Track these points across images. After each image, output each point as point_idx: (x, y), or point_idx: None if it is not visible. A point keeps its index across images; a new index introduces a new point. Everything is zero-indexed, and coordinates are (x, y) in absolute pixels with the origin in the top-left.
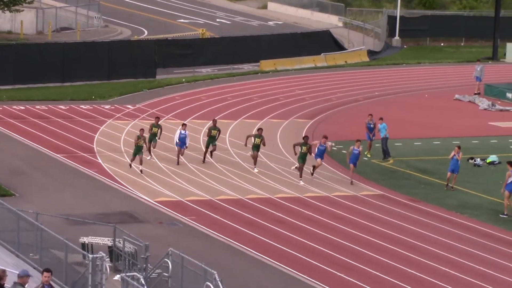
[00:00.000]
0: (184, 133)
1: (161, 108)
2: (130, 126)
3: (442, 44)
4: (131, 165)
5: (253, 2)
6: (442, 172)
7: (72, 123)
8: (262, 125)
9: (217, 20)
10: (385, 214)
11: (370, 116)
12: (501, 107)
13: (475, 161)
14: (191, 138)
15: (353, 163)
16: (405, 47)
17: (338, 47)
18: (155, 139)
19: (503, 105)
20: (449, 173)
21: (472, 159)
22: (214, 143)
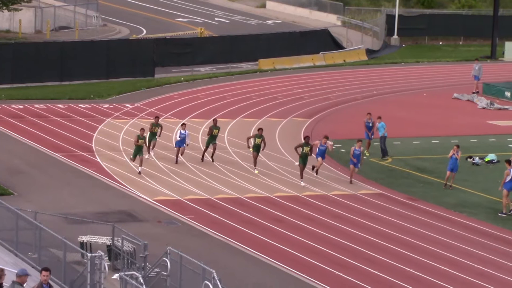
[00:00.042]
0: (184, 132)
1: (159, 107)
2: (128, 125)
3: (441, 43)
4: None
5: (251, 1)
6: (441, 170)
7: (70, 122)
8: (261, 124)
9: (216, 19)
10: (383, 212)
11: (369, 115)
12: (499, 106)
13: (473, 160)
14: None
15: (353, 164)
16: (403, 46)
17: (336, 46)
18: (154, 138)
19: (501, 104)
20: (448, 172)
21: (471, 157)
22: (214, 142)
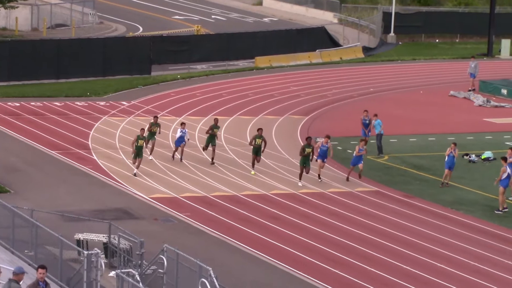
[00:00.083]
0: (184, 131)
1: (156, 105)
2: (125, 123)
3: (437, 41)
4: (135, 173)
5: None
6: (437, 168)
7: (67, 119)
8: (257, 122)
9: (212, 16)
10: (380, 210)
11: (366, 112)
12: (496, 103)
13: (470, 157)
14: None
15: (354, 164)
16: (400, 43)
17: (333, 43)
18: (153, 137)
19: (498, 101)
20: (446, 170)
21: (467, 155)
22: (214, 144)
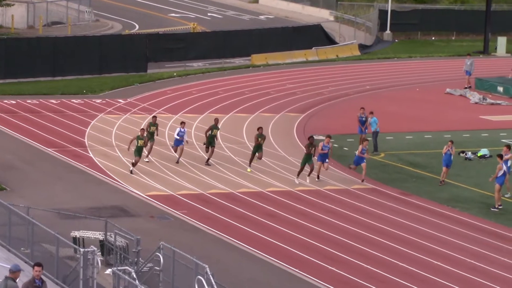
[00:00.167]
0: (184, 130)
1: (152, 102)
2: (121, 120)
3: (433, 38)
4: (132, 171)
5: None
6: (434, 165)
7: (63, 117)
8: (254, 120)
9: (209, 14)
10: (376, 207)
11: (362, 109)
12: (492, 100)
13: (466, 155)
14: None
15: (357, 164)
16: (396, 41)
17: (329, 41)
18: (152, 138)
19: (494, 99)
20: (444, 168)
21: (463, 152)
22: (213, 144)
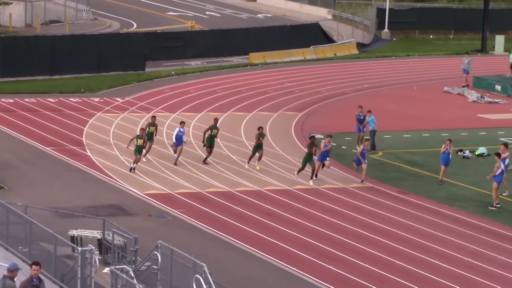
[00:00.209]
0: (183, 130)
1: (150, 101)
2: (119, 119)
3: (431, 37)
4: (134, 169)
5: None
6: (431, 164)
7: (61, 116)
8: (252, 118)
9: (207, 12)
10: (374, 206)
11: (360, 108)
12: (490, 99)
13: (464, 153)
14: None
15: (359, 164)
16: (394, 39)
17: (327, 39)
18: (151, 139)
19: (492, 97)
20: (443, 167)
21: (461, 151)
22: (212, 145)
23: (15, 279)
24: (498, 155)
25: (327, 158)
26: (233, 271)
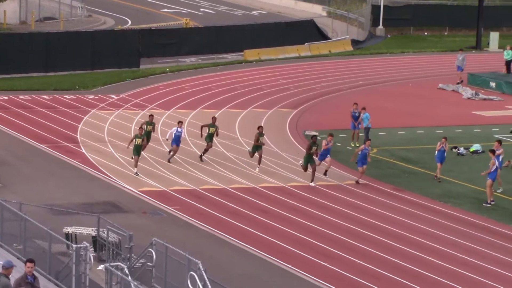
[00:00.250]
0: (181, 130)
1: (145, 98)
2: (114, 116)
3: (426, 33)
4: (137, 172)
5: None
6: (426, 161)
7: (55, 113)
8: (246, 115)
9: (201, 9)
10: (369, 203)
11: (355, 105)
12: (484, 96)
13: (458, 150)
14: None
15: (362, 164)
16: (388, 36)
17: (322, 36)
18: (149, 137)
19: (486, 94)
20: (439, 164)
21: (456, 148)
22: (210, 141)
23: (9, 276)
24: (493, 152)
25: (328, 156)
26: (228, 268)
